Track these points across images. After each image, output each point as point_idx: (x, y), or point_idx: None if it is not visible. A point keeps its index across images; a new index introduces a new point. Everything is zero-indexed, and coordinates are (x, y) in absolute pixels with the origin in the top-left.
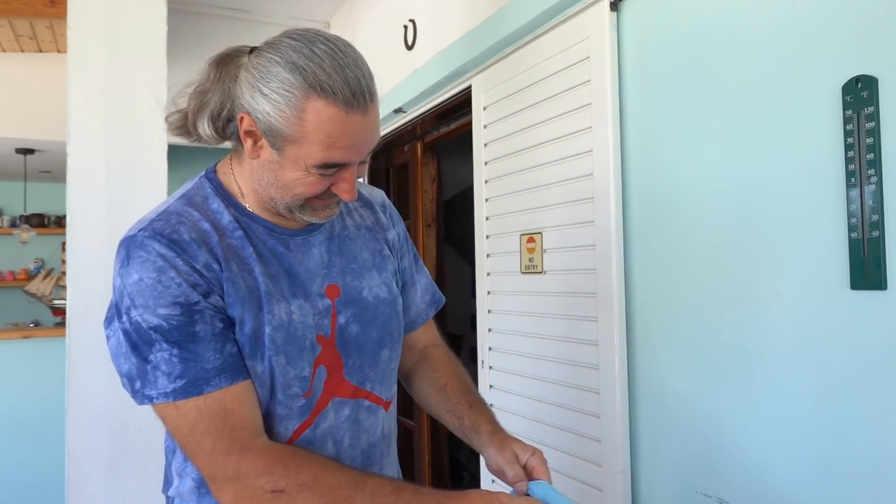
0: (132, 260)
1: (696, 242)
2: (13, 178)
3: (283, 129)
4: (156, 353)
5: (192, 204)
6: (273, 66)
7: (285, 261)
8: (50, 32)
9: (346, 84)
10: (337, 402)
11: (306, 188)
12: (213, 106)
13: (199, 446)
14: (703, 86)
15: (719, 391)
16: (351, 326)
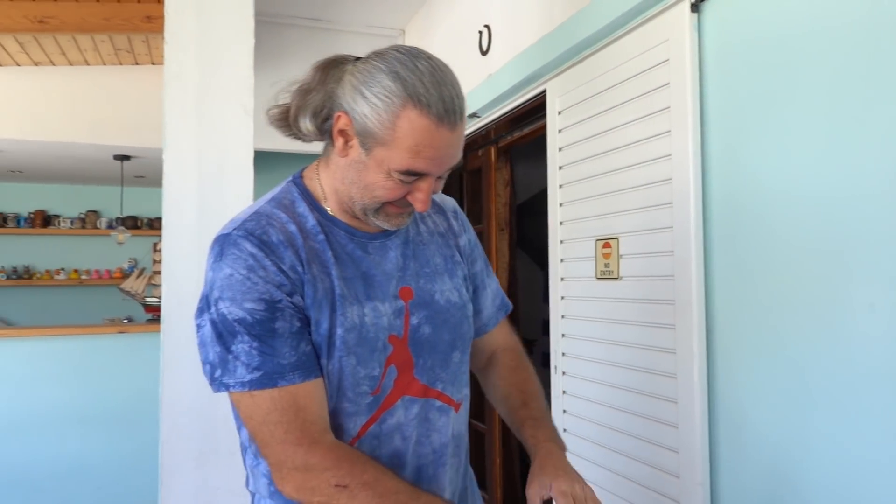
0: (225, 256)
1: (782, 249)
2: (111, 183)
3: (376, 131)
4: (237, 345)
5: (280, 206)
6: (377, 73)
7: (363, 264)
8: (145, 46)
9: (441, 100)
10: (407, 400)
11: (385, 192)
12: (315, 104)
13: (270, 435)
14: (789, 87)
15: (805, 405)
16: (423, 328)
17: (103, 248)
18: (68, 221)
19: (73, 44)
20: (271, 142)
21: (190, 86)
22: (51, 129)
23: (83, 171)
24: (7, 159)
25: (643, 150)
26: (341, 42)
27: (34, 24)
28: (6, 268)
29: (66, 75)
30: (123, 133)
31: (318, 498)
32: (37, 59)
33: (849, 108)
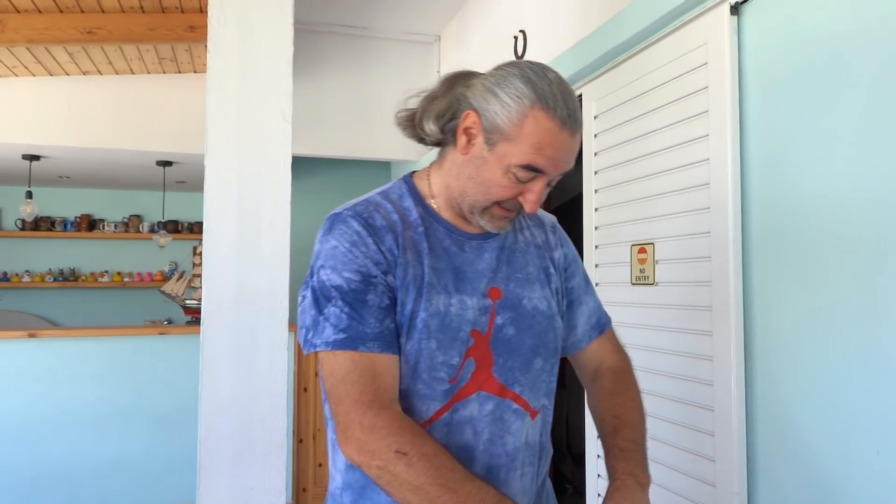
0: (334, 230)
1: (824, 255)
2: (154, 188)
3: (504, 126)
4: (330, 308)
5: (388, 199)
6: (511, 77)
7: (456, 259)
8: (188, 55)
9: (566, 107)
10: (482, 396)
11: (499, 189)
12: (439, 109)
13: (346, 393)
14: (830, 90)
15: (848, 414)
16: (507, 328)
17: (145, 251)
18: (112, 225)
19: (120, 53)
20: (308, 147)
21: (231, 94)
22: (97, 136)
23: (127, 176)
24: (55, 165)
25: (680, 154)
26: (377, 48)
27: (83, 35)
28: (53, 270)
29: (113, 84)
30: (166, 139)
31: (377, 461)
32: (85, 69)
33: (891, 111)
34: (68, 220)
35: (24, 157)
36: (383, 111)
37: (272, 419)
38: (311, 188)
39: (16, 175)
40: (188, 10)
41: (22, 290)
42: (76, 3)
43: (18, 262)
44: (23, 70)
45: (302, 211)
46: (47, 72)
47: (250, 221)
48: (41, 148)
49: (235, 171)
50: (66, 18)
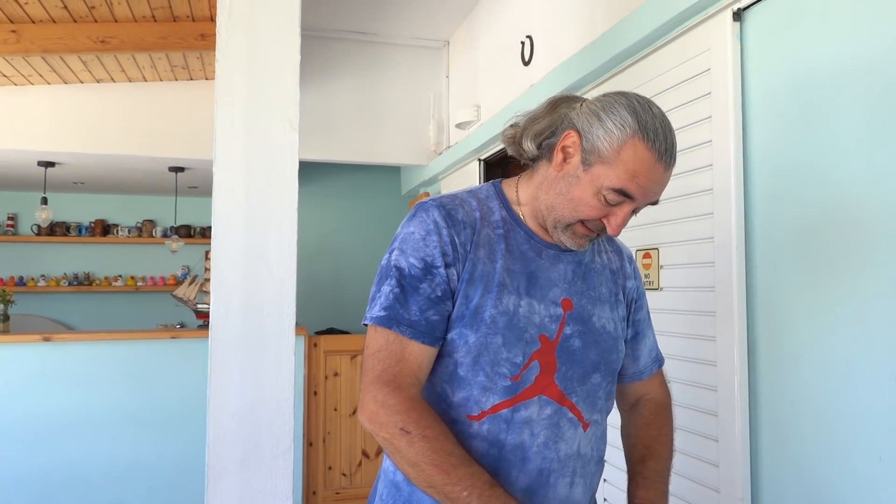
0: (416, 217)
1: (827, 261)
2: (166, 193)
3: (603, 149)
4: (385, 286)
5: (475, 197)
6: (617, 105)
7: (532, 265)
8: (199, 62)
9: (665, 141)
10: (543, 400)
11: (587, 209)
12: (538, 129)
13: (371, 367)
14: (833, 96)
15: (851, 419)
16: (574, 340)
17: (158, 255)
18: (126, 230)
19: (133, 62)
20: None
21: (239, 101)
22: (110, 142)
23: (140, 182)
24: (70, 171)
25: (684, 159)
26: (386, 54)
27: (96, 44)
28: (68, 274)
29: (126, 91)
30: (178, 145)
31: (384, 433)
32: (99, 77)
33: (893, 115)
34: (83, 226)
35: (40, 164)
36: (392, 116)
37: (279, 423)
38: (321, 193)
39: (31, 181)
40: (199, 18)
41: (38, 295)
42: (89, 13)
43: (34, 267)
44: (38, 79)
45: (312, 215)
46: (62, 80)
47: (258, 227)
48: (56, 155)
49: (243, 178)
50: (79, 28)
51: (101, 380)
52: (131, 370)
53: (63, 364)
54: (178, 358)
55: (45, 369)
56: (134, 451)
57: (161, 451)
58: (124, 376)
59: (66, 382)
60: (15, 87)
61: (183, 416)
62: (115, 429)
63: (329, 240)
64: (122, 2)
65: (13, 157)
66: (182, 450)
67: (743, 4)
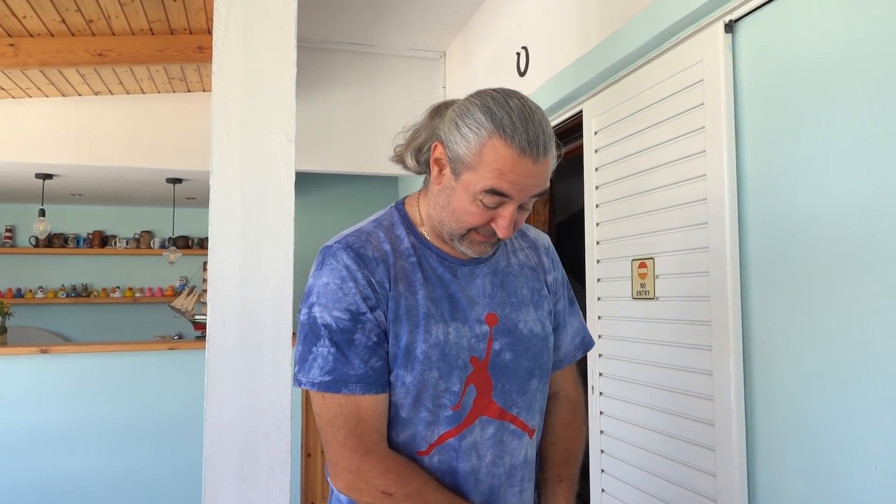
0: (325, 266)
1: (821, 270)
2: (163, 205)
3: (465, 156)
4: (319, 347)
5: (380, 227)
6: (472, 108)
7: (450, 287)
8: (197, 74)
9: (525, 133)
10: (483, 421)
11: (470, 217)
12: (419, 142)
13: (333, 436)
14: (824, 105)
15: (847, 429)
16: (504, 354)
17: (156, 267)
18: (124, 242)
19: (130, 74)
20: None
21: (235, 113)
22: (108, 154)
23: (138, 193)
24: (68, 183)
25: (678, 169)
26: (384, 65)
27: (94, 57)
28: (66, 286)
29: (123, 104)
30: (175, 157)
31: (366, 499)
32: (97, 89)
33: (885, 126)
34: (81, 237)
35: (38, 176)
36: (390, 127)
37: (276, 435)
38: (319, 204)
39: (29, 193)
40: (196, 31)
41: (35, 307)
42: (87, 27)
43: (32, 279)
44: (36, 91)
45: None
46: (60, 93)
47: (254, 239)
48: (54, 167)
49: (240, 190)
50: (77, 41)
51: (98, 391)
52: (129, 382)
53: (60, 376)
54: (176, 369)
55: (43, 381)
56: (132, 462)
57: (159, 463)
58: (122, 388)
59: (64, 394)
60: (13, 99)
61: (181, 428)
62: (113, 440)
63: None
64: (119, 15)
65: (11, 169)
66: (180, 461)
67: (735, 16)
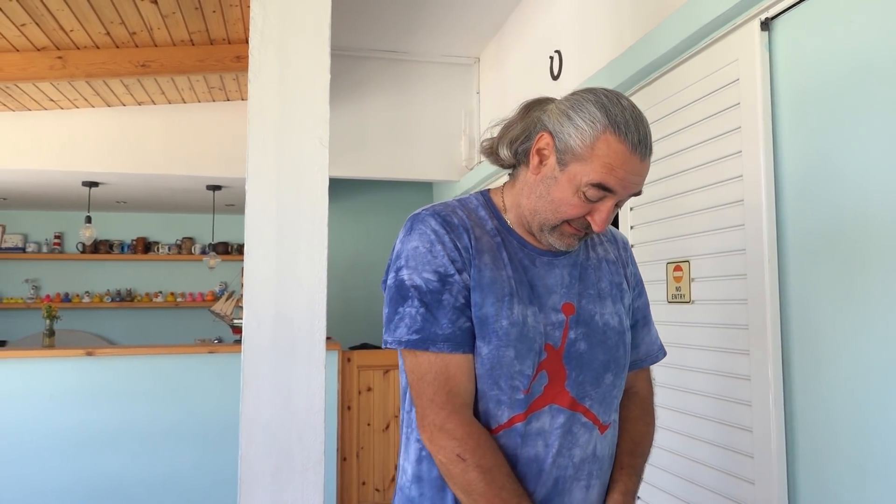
0: (414, 231)
1: (862, 272)
2: (204, 211)
3: (577, 147)
4: (406, 307)
5: (464, 207)
6: (585, 102)
7: (529, 273)
8: (236, 83)
9: (637, 132)
10: (554, 409)
11: (569, 208)
12: (513, 135)
13: (422, 391)
14: (863, 104)
15: (890, 434)
16: (579, 343)
17: (197, 272)
18: (166, 248)
19: (172, 84)
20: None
21: (271, 120)
22: (151, 162)
23: (179, 200)
24: (113, 191)
25: (714, 171)
26: (417, 72)
27: (137, 68)
28: (111, 291)
29: (165, 113)
30: (215, 164)
31: (441, 457)
32: (140, 100)
33: None
34: (125, 243)
35: (84, 184)
36: (424, 133)
37: (310, 436)
38: (354, 209)
39: (76, 201)
40: (234, 41)
41: (82, 311)
42: (131, 39)
43: (79, 284)
44: (83, 102)
45: (345, 232)
46: (105, 103)
47: (289, 243)
48: (99, 175)
49: (275, 195)
50: (121, 53)
51: (141, 393)
52: (170, 384)
53: (105, 378)
54: (215, 372)
55: (88, 383)
56: (172, 463)
57: (199, 464)
58: (163, 390)
59: (108, 395)
60: (61, 110)
61: (220, 429)
62: (154, 441)
63: (362, 256)
64: (161, 27)
65: (60, 177)
66: (219, 462)
67: (771, 14)
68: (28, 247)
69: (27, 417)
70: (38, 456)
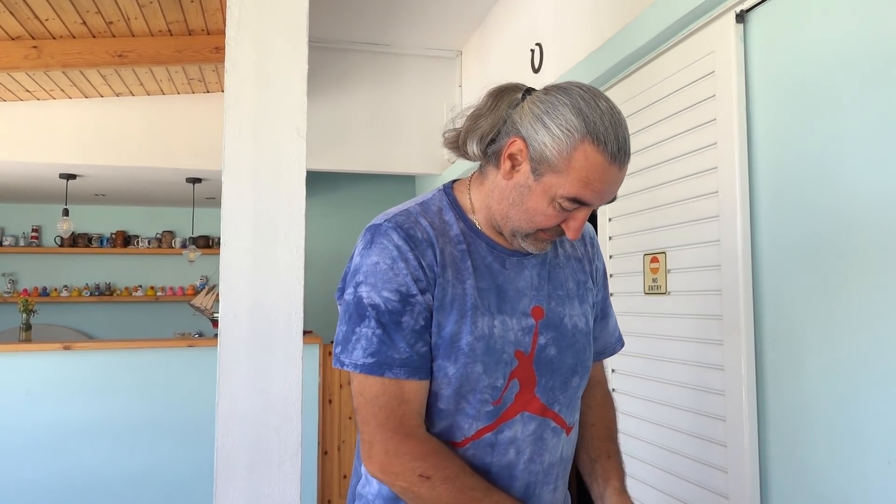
0: (374, 244)
1: (834, 263)
2: (184, 205)
3: (553, 159)
4: (363, 328)
5: (427, 212)
6: (561, 106)
7: (499, 277)
8: (216, 75)
9: (616, 139)
10: (526, 417)
11: (544, 218)
12: (484, 129)
13: (372, 415)
14: (837, 96)
15: (860, 423)
16: (549, 349)
17: (178, 266)
18: (146, 241)
19: (150, 75)
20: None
21: (248, 110)
22: (129, 154)
23: (159, 193)
24: (91, 184)
25: (689, 163)
26: (400, 64)
27: (114, 58)
28: (90, 285)
29: (144, 104)
30: (195, 157)
31: (401, 483)
32: (118, 91)
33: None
34: (104, 237)
35: (62, 176)
36: (406, 126)
37: (287, 428)
38: (337, 203)
39: (54, 194)
40: (213, 31)
41: (60, 305)
42: (108, 29)
43: (57, 278)
44: (60, 93)
45: (327, 225)
46: (82, 94)
47: (266, 234)
48: (77, 167)
49: (252, 186)
50: (98, 43)
51: (119, 387)
52: (149, 378)
53: (83, 372)
54: (195, 366)
55: (66, 377)
56: (152, 457)
57: (178, 458)
58: (142, 384)
59: (86, 390)
60: (37, 101)
61: (200, 423)
62: (133, 435)
63: (345, 249)
64: (138, 16)
65: (36, 169)
66: (199, 456)
67: (746, 6)
68: (5, 240)
69: (3, 413)
70: (14, 451)
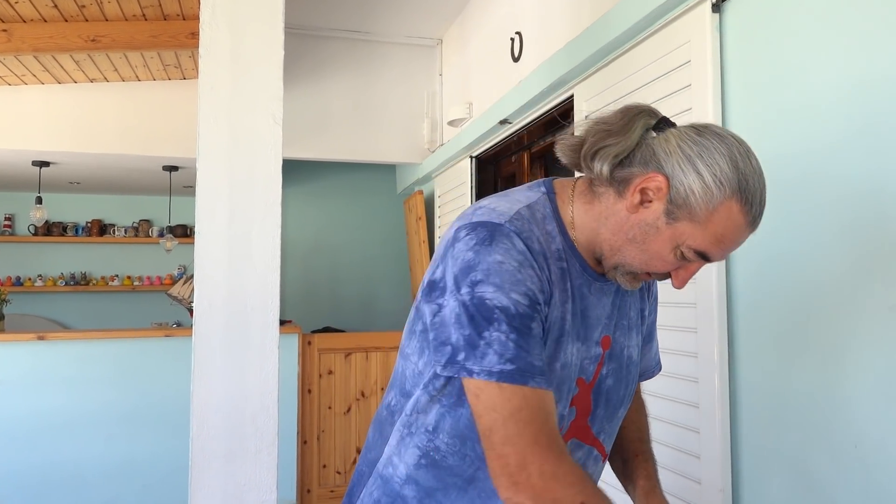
0: (496, 243)
1: (804, 251)
2: (160, 193)
3: (695, 207)
4: (492, 332)
5: (534, 218)
6: (717, 154)
7: (584, 302)
8: (192, 61)
9: (760, 204)
10: (574, 444)
11: (660, 264)
12: (617, 151)
13: (519, 433)
14: (811, 86)
15: (829, 407)
16: (608, 379)
17: (155, 255)
18: (122, 230)
19: (125, 61)
20: (312, 151)
21: (223, 97)
22: (104, 141)
23: (135, 181)
24: (65, 171)
25: None
26: (380, 52)
27: (87, 42)
28: (65, 274)
29: (119, 91)
30: (171, 145)
31: None
32: (92, 76)
33: (873, 109)
34: (79, 226)
35: (35, 164)
36: (386, 115)
37: (263, 417)
38: (317, 192)
39: (27, 182)
40: (189, 17)
41: (35, 295)
42: (80, 12)
43: (31, 267)
44: (31, 78)
45: (308, 214)
46: (55, 79)
47: (242, 222)
48: (50, 154)
49: (227, 174)
50: (70, 27)
51: (95, 378)
52: (125, 369)
53: (57, 363)
54: (172, 356)
55: (40, 368)
56: (128, 449)
57: (155, 449)
58: (118, 375)
59: (61, 381)
60: (8, 86)
61: (177, 414)
62: (110, 427)
63: (325, 239)
64: (112, 0)
65: (8, 156)
66: (176, 447)
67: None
68: None
69: None
70: None
